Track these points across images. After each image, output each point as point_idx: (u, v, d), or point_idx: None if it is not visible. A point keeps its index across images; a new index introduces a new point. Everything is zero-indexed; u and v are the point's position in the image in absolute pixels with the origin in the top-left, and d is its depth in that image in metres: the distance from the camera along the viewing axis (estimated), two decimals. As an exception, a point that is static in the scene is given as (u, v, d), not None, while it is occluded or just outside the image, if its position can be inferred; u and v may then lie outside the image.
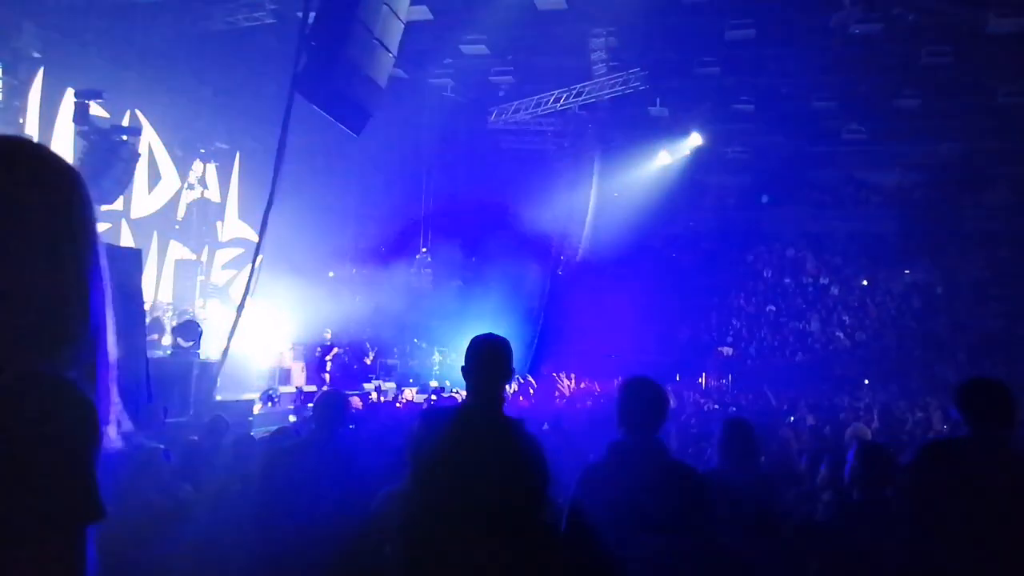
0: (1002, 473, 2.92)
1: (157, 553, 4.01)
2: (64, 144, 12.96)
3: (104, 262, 1.24)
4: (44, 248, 1.15)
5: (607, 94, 19.49)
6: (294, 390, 14.12)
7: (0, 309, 1.10)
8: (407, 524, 2.99)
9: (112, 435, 1.18)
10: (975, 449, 3.01)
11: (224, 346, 10.59)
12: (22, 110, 12.44)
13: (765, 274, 27.91)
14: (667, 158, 23.70)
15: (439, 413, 3.27)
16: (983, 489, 2.87)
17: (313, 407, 4.37)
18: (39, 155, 1.22)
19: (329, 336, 16.80)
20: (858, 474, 4.05)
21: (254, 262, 11.02)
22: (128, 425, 1.23)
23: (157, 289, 15.52)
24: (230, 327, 10.63)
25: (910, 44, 16.84)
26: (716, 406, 11.76)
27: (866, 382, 20.07)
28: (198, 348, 10.79)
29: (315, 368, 15.96)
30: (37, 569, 1.01)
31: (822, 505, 4.28)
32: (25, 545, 1.01)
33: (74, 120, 11.99)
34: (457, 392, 12.79)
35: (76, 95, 12.12)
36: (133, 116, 14.57)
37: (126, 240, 14.26)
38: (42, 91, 12.83)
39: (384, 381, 17.43)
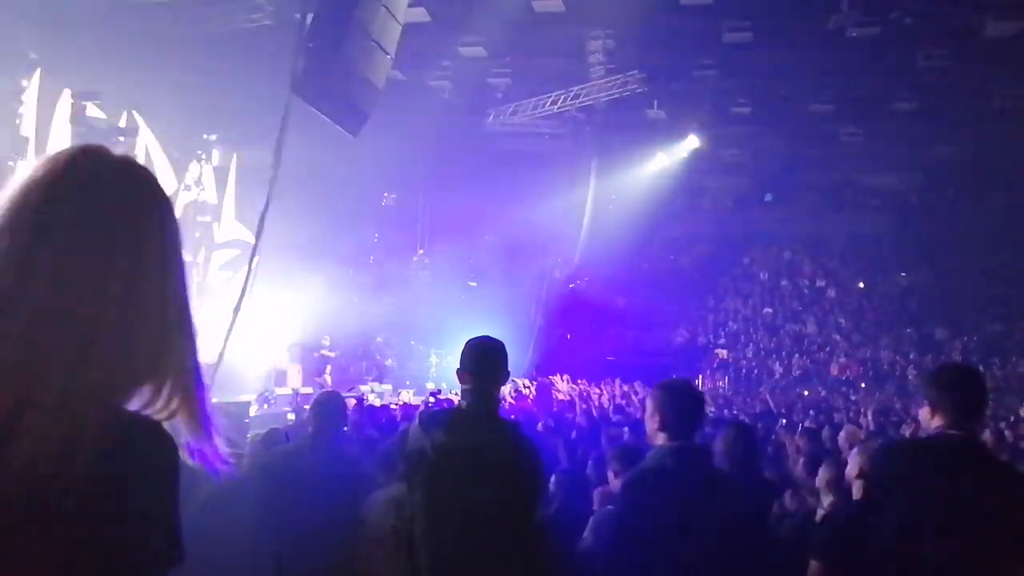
0: (986, 480, 2.65)
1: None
2: (61, 145, 12.92)
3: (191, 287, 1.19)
4: (156, 274, 1.11)
5: (604, 96, 19.49)
6: (290, 392, 14.10)
7: (117, 340, 1.05)
8: (402, 527, 2.98)
9: (221, 464, 1.16)
10: (953, 451, 2.68)
11: (220, 348, 10.56)
12: (19, 111, 12.41)
13: (762, 277, 27.94)
14: (664, 160, 23.72)
15: (435, 415, 3.26)
16: (964, 501, 2.58)
17: (311, 409, 4.35)
18: (142, 176, 1.19)
19: (327, 342, 16.80)
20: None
21: (251, 264, 10.99)
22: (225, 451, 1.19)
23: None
24: (226, 329, 10.60)
25: (908, 47, 16.86)
26: (712, 410, 11.74)
27: (863, 385, 20.07)
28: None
29: (313, 371, 15.95)
30: None
31: (825, 508, 4.26)
32: None
33: (71, 121, 11.98)
34: (455, 394, 12.77)
35: (73, 96, 12.11)
36: (130, 117, 14.54)
37: (123, 241, 14.20)
38: (39, 92, 12.80)
39: (380, 383, 17.41)
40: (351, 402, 7.87)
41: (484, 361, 3.07)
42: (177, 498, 1.08)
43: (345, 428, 4.94)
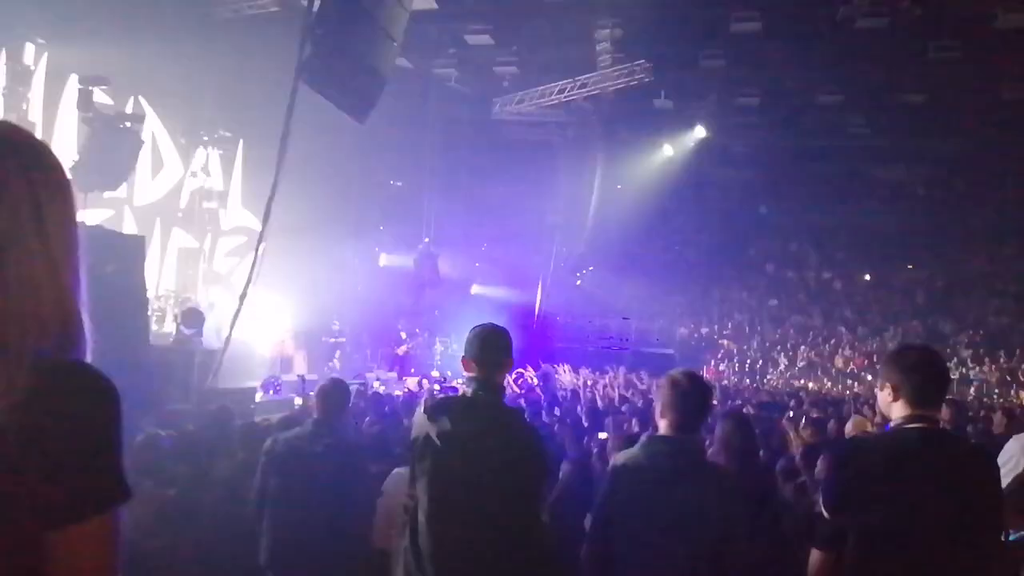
0: (957, 466, 2.54)
1: (160, 543, 4.03)
2: (68, 131, 12.96)
3: (84, 245, 1.23)
4: (40, 234, 1.15)
5: (612, 86, 19.43)
6: (296, 378, 14.13)
7: (16, 298, 1.10)
8: (409, 509, 3.00)
9: None
10: (922, 440, 2.54)
11: (226, 334, 10.60)
12: (26, 96, 12.43)
13: (767, 268, 27.90)
14: (671, 151, 23.67)
15: (439, 402, 3.27)
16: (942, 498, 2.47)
17: (315, 396, 4.38)
18: (28, 139, 1.22)
19: (337, 327, 16.86)
20: None
21: (257, 250, 11.00)
22: None
23: (160, 276, 15.53)
24: (232, 315, 10.64)
25: (917, 38, 16.77)
26: (715, 401, 11.74)
27: (868, 377, 20.06)
28: (201, 336, 10.80)
29: (320, 357, 16.01)
30: (82, 548, 1.07)
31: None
32: (69, 527, 1.05)
33: (78, 106, 11.96)
34: (460, 382, 12.80)
35: (80, 81, 12.08)
36: (137, 103, 14.55)
37: (129, 227, 14.24)
38: (46, 77, 12.81)
39: (385, 371, 17.46)
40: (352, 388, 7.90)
41: (488, 349, 3.09)
42: (118, 436, 1.12)
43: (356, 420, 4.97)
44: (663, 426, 3.03)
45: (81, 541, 1.06)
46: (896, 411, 2.63)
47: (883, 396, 2.69)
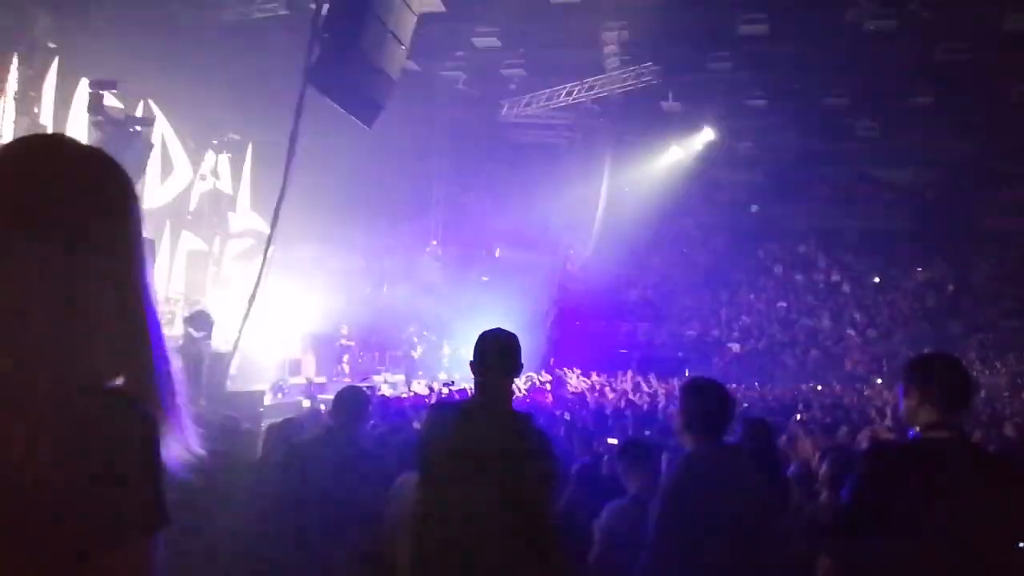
0: (980, 479, 2.53)
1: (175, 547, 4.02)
2: (78, 134, 13.03)
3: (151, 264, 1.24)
4: (103, 262, 1.14)
5: (619, 88, 19.44)
6: (304, 381, 14.17)
7: (68, 321, 1.09)
8: (418, 516, 3.00)
9: (187, 443, 1.20)
10: (945, 451, 2.55)
11: (235, 337, 10.62)
12: (37, 100, 12.49)
13: (776, 270, 27.82)
14: (679, 153, 23.64)
15: (448, 407, 3.28)
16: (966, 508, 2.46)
17: (333, 403, 4.35)
18: (94, 157, 1.21)
19: (345, 331, 16.90)
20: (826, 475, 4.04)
21: (266, 253, 11.04)
22: (193, 432, 1.24)
23: (169, 280, 15.59)
24: (241, 318, 10.66)
25: (925, 40, 16.72)
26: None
27: (878, 381, 19.98)
28: (210, 339, 10.81)
29: (329, 360, 16.06)
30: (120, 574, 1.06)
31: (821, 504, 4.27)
32: (105, 555, 1.05)
33: (88, 110, 12.03)
34: (468, 386, 12.81)
35: (90, 85, 12.16)
36: (147, 106, 14.61)
37: (138, 230, 14.29)
38: (57, 81, 12.87)
39: (393, 373, 17.48)
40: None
41: (497, 353, 3.09)
42: (156, 464, 1.11)
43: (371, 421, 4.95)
44: (688, 439, 3.07)
45: (119, 567, 1.06)
46: (921, 418, 2.62)
47: (908, 403, 2.69)
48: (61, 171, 1.15)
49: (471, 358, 3.13)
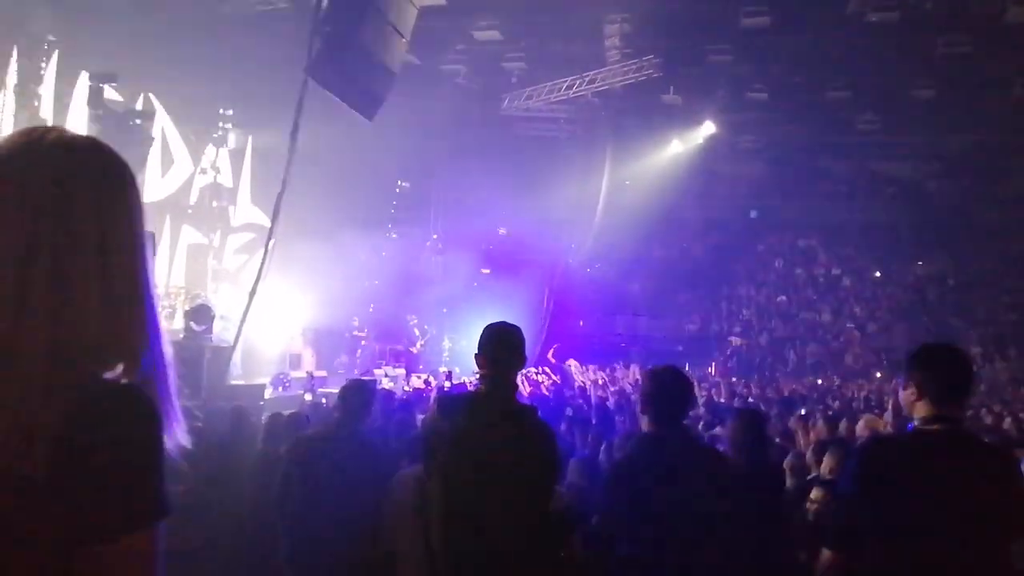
0: (977, 469, 2.54)
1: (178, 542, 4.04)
2: (78, 127, 13.01)
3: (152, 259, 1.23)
4: (99, 250, 1.14)
5: (620, 81, 19.39)
6: (304, 375, 14.18)
7: (66, 318, 1.10)
8: (423, 508, 3.01)
9: (180, 435, 1.22)
10: (943, 443, 2.54)
11: (236, 331, 10.64)
12: (37, 93, 12.48)
13: (776, 264, 27.81)
14: (679, 146, 23.60)
15: (452, 400, 3.29)
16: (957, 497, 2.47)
17: (338, 396, 4.36)
18: (97, 149, 1.21)
19: (356, 323, 16.99)
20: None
21: (266, 247, 11.04)
22: (184, 425, 1.25)
23: (170, 273, 15.60)
24: (242, 312, 10.67)
25: (927, 33, 16.68)
26: (722, 399, 11.73)
27: (878, 375, 19.99)
28: (210, 332, 10.83)
29: (335, 353, 16.22)
30: (122, 566, 1.07)
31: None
32: (109, 543, 1.06)
33: (88, 103, 12.04)
34: (468, 379, 12.82)
35: (91, 78, 12.16)
36: (147, 100, 14.60)
37: (139, 224, 14.28)
38: (57, 74, 12.86)
39: (393, 367, 17.48)
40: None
41: (502, 347, 3.10)
42: (158, 456, 1.12)
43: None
44: (645, 421, 3.19)
45: (120, 559, 1.06)
46: (919, 410, 2.61)
47: (906, 395, 2.67)
48: (62, 161, 1.15)
49: (475, 351, 3.14)
